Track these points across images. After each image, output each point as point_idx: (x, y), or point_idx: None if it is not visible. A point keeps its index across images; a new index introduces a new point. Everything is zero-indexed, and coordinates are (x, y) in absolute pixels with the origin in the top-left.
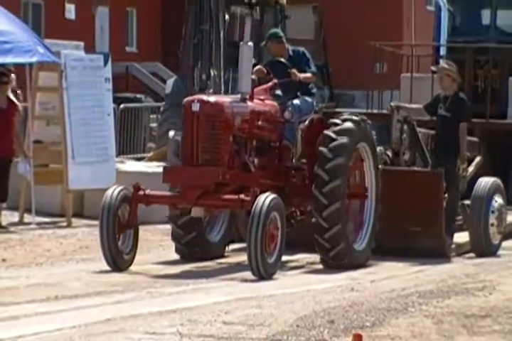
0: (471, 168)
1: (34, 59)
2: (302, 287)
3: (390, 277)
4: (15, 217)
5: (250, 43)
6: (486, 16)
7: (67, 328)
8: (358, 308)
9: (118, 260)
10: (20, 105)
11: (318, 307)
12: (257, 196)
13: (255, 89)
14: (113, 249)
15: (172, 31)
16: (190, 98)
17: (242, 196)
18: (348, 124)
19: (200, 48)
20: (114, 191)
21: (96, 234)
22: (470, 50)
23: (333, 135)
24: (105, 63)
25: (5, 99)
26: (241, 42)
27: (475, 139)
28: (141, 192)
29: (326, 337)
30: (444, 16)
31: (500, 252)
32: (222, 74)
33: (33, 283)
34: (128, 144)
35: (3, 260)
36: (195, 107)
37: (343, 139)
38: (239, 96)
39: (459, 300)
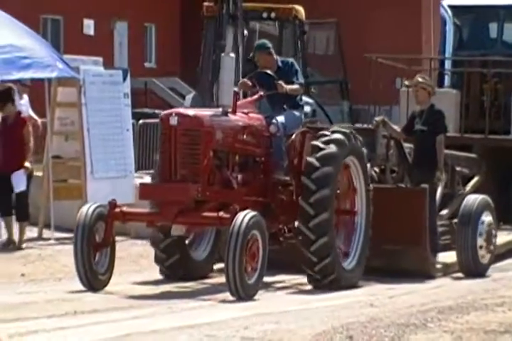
0: (468, 188)
1: (53, 74)
2: (320, 302)
3: (409, 292)
4: (34, 232)
5: (232, 54)
6: (492, 30)
7: None
8: (376, 324)
9: (93, 280)
10: (39, 120)
11: (337, 322)
12: (236, 213)
13: (240, 102)
14: (88, 268)
15: (191, 47)
16: (167, 111)
17: (221, 213)
18: (337, 135)
19: (218, 64)
20: (89, 208)
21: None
22: (476, 64)
23: (321, 145)
24: (124, 79)
25: (13, 115)
26: (222, 54)
27: (473, 156)
28: (117, 210)
29: None
30: (450, 30)
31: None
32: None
33: (52, 298)
34: (147, 160)
35: (23, 275)
36: (173, 121)
37: (332, 149)
38: (220, 109)
39: (478, 316)
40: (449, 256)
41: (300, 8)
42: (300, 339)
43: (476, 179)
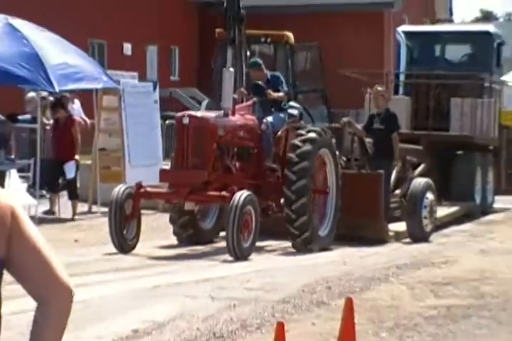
0: (416, 172)
1: (100, 85)
2: (304, 261)
3: (373, 254)
4: (85, 207)
5: (231, 69)
6: (436, 50)
7: (126, 292)
8: (349, 277)
9: (123, 244)
10: (88, 121)
11: (319, 276)
12: (234, 193)
13: (238, 106)
14: (119, 235)
15: (206, 64)
16: (181, 113)
17: (223, 193)
18: (312, 134)
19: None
20: (120, 189)
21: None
22: (423, 77)
23: (299, 143)
24: (154, 89)
25: (63, 117)
26: (224, 68)
27: (420, 148)
28: (142, 190)
29: (324, 299)
30: (403, 50)
31: (458, 235)
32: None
33: (99, 258)
34: (171, 151)
35: (76, 241)
36: (185, 121)
37: (307, 146)
38: (222, 111)
39: (427, 271)
40: (399, 226)
41: (290, 34)
42: (291, 289)
43: (422, 166)
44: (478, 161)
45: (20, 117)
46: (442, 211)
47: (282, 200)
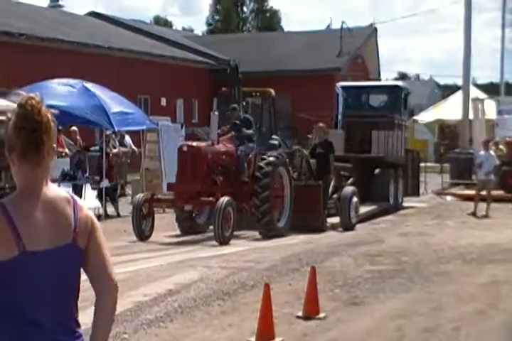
0: (348, 183)
1: (145, 127)
2: (283, 242)
3: (329, 236)
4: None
5: (216, 113)
6: (363, 98)
7: (162, 265)
8: (313, 252)
9: (141, 235)
10: (136, 149)
11: (292, 252)
12: (219, 198)
13: (222, 138)
14: (139, 228)
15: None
16: (182, 143)
17: (210, 198)
18: (271, 158)
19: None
20: (139, 196)
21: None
22: (355, 117)
23: (263, 165)
24: (181, 128)
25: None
26: (211, 112)
27: (350, 165)
28: (154, 197)
29: (296, 267)
30: (340, 99)
31: (384, 223)
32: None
33: (139, 243)
34: None
35: (124, 231)
36: (185, 148)
37: (269, 168)
38: (210, 141)
39: (366, 247)
40: (334, 219)
41: (272, 90)
42: (273, 260)
43: (352, 178)
44: (391, 174)
45: (91, 148)
46: (365, 209)
47: (251, 203)
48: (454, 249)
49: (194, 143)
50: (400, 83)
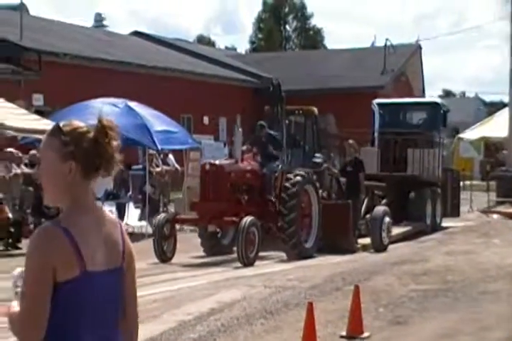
0: (382, 202)
1: (187, 146)
2: (330, 260)
3: (373, 255)
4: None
5: (240, 129)
6: (401, 116)
7: (204, 283)
8: (356, 271)
9: (163, 256)
10: (179, 168)
11: (336, 271)
12: (242, 218)
13: (245, 156)
14: (160, 250)
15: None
16: (204, 161)
17: (233, 218)
18: (298, 178)
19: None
20: (161, 216)
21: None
22: (392, 135)
23: (289, 186)
24: (224, 146)
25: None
26: (235, 129)
27: (383, 184)
28: (177, 217)
29: (340, 286)
30: (377, 116)
31: (430, 241)
32: (285, 151)
33: (184, 261)
34: None
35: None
36: (207, 167)
37: (294, 188)
38: (233, 160)
39: (410, 266)
40: (366, 240)
41: (315, 108)
42: (317, 279)
43: (386, 198)
44: (428, 194)
45: (134, 167)
46: (399, 229)
47: (279, 224)
48: (501, 268)
49: (217, 162)
50: (438, 100)
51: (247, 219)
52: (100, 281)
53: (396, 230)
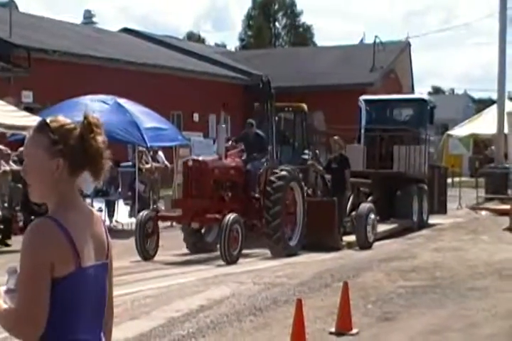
0: (368, 200)
1: (177, 143)
2: (315, 258)
3: (362, 252)
4: (168, 223)
5: (223, 125)
6: (387, 113)
7: (194, 280)
8: (345, 268)
9: (145, 254)
10: (169, 165)
11: (324, 267)
12: (225, 215)
13: (230, 152)
14: (142, 247)
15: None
16: (187, 158)
17: (216, 215)
18: (283, 172)
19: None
20: (143, 213)
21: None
22: (378, 131)
23: (274, 179)
24: (213, 143)
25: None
26: (217, 125)
27: (370, 181)
28: (159, 214)
29: (329, 283)
30: (363, 113)
31: (418, 238)
32: (275, 148)
33: (175, 259)
34: None
35: (162, 245)
36: (190, 163)
37: (280, 182)
38: (217, 156)
39: (398, 263)
40: (351, 238)
41: (304, 105)
42: (305, 276)
43: (372, 195)
44: (414, 190)
45: (123, 164)
46: (385, 227)
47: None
48: (490, 265)
49: (200, 158)
50: (425, 96)
51: (230, 217)
52: (91, 276)
53: (382, 227)
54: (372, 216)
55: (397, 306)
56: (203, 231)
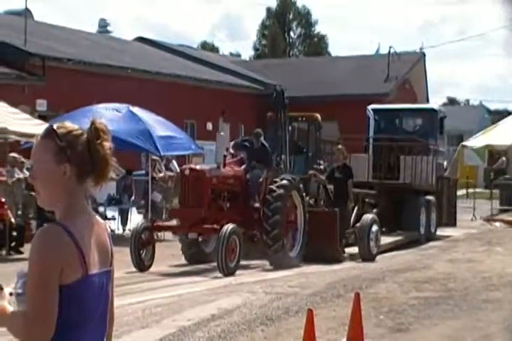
0: (374, 211)
1: (190, 152)
2: (328, 268)
3: (374, 262)
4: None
5: (222, 133)
6: (396, 122)
7: (205, 289)
8: (357, 278)
9: (141, 265)
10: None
11: (337, 278)
12: (223, 225)
13: (229, 161)
14: (138, 258)
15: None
16: (184, 166)
17: (214, 226)
18: (284, 181)
19: (277, 143)
20: (139, 223)
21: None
22: (386, 141)
23: (274, 188)
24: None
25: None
26: (217, 133)
27: (375, 192)
28: (155, 224)
29: (341, 292)
30: (371, 122)
31: (432, 249)
32: (287, 157)
33: (189, 269)
34: None
35: (172, 255)
36: (187, 172)
37: (280, 191)
38: (215, 165)
39: (412, 273)
40: (352, 249)
41: (318, 115)
42: (318, 286)
43: (377, 206)
44: (422, 202)
45: (136, 172)
46: (391, 239)
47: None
48: (503, 277)
49: (198, 167)
50: (435, 106)
51: (228, 227)
52: (96, 283)
53: (387, 239)
54: (375, 227)
55: (409, 317)
56: (200, 240)
